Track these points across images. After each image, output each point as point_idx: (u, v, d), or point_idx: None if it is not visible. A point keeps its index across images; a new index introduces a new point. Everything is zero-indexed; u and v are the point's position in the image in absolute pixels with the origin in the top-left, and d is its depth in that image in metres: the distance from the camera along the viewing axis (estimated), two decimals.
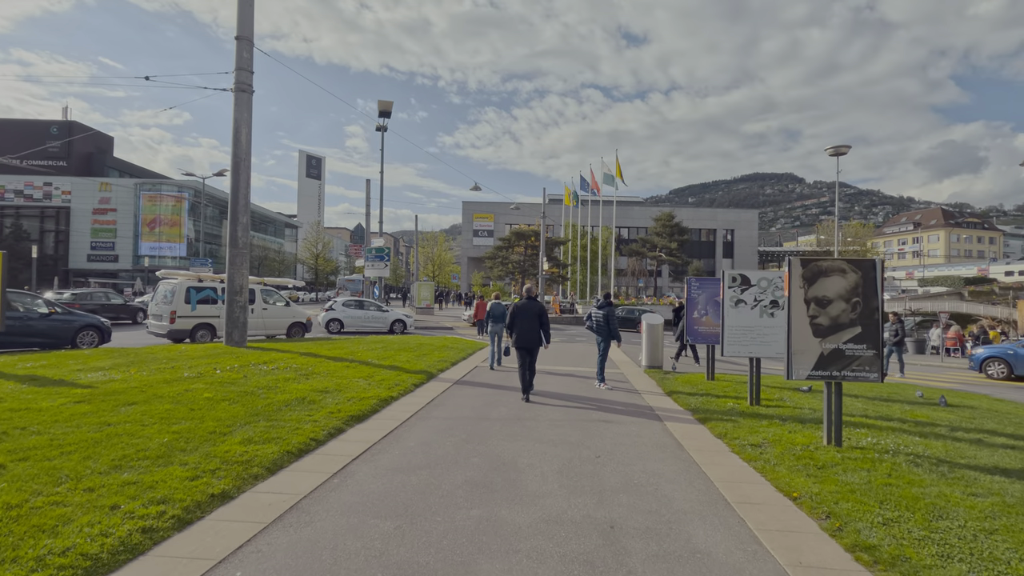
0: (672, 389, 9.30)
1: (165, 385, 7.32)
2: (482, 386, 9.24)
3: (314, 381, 8.28)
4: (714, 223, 73.28)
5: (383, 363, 10.80)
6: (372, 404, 7.01)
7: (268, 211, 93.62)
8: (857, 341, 5.53)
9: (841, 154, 38.96)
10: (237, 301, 12.64)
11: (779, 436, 5.99)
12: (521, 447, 5.48)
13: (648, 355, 12.22)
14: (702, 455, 5.43)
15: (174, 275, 16.39)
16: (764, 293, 7.91)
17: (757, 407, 7.74)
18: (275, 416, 6.02)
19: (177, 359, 10.06)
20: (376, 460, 4.91)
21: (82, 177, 68.02)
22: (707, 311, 10.37)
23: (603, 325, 9.55)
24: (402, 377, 9.19)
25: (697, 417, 7.18)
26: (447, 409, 7.24)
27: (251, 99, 12.97)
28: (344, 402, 6.97)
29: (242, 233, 12.84)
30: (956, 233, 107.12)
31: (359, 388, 7.95)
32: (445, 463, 4.88)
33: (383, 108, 24.45)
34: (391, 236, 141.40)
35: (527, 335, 8.18)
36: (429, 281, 37.20)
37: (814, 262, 5.66)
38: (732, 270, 8.09)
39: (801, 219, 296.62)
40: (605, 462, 5.08)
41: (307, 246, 72.36)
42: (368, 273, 25.90)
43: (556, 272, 45.46)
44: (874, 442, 5.75)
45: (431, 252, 74.46)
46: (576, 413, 7.29)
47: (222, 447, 4.79)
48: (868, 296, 5.54)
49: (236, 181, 12.74)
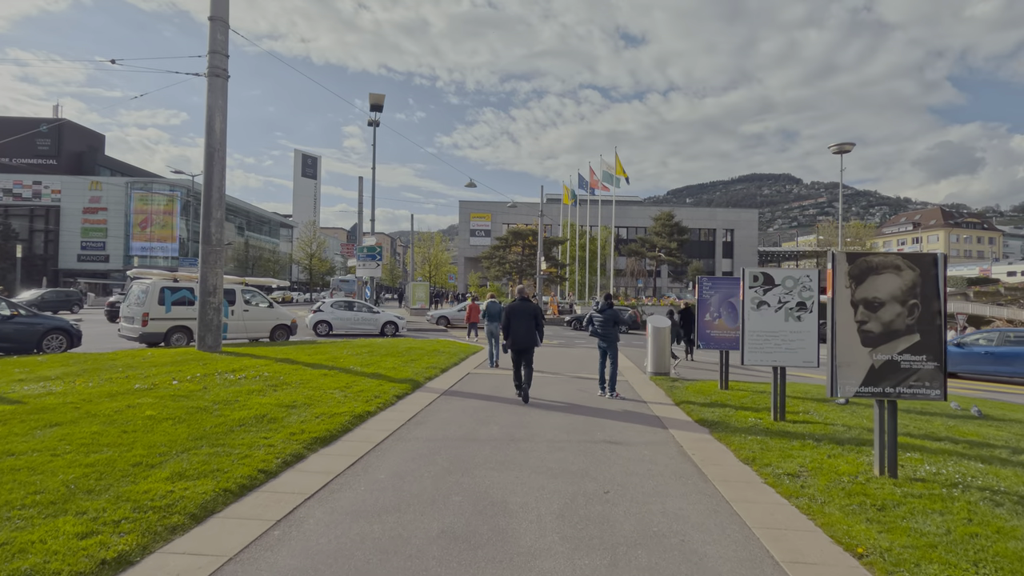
0: (683, 399, 8.40)
1: (107, 400, 6.38)
2: (473, 397, 8.32)
3: (282, 393, 7.35)
4: (713, 223, 72.51)
5: (366, 370, 9.88)
6: (344, 422, 6.09)
7: (263, 211, 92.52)
8: (915, 351, 4.63)
9: (844, 152, 38.18)
10: (210, 303, 11.70)
11: (818, 462, 5.09)
12: (514, 479, 4.57)
13: (654, 360, 11.33)
14: (731, 488, 4.53)
15: (147, 274, 15.43)
16: (790, 294, 7.01)
17: (783, 423, 6.84)
18: (223, 439, 5.10)
19: (138, 367, 9.12)
20: (334, 500, 3.99)
21: (72, 176, 66.90)
22: (720, 313, 9.48)
23: (606, 328, 8.66)
24: (384, 387, 8.27)
25: (716, 435, 6.28)
26: (430, 427, 6.32)
27: (226, 85, 12.03)
28: (311, 420, 6.05)
29: (216, 229, 11.90)
30: (956, 233, 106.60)
31: (332, 402, 7.03)
32: (420, 503, 3.96)
33: (374, 102, 23.50)
34: (388, 236, 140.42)
35: (522, 336, 8.15)
36: (424, 281, 36.26)
37: (863, 257, 4.77)
38: (753, 268, 7.20)
39: (799, 219, 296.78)
40: (616, 500, 4.17)
41: (301, 246, 71.32)
42: (360, 273, 24.96)
43: (554, 272, 44.58)
44: (933, 471, 4.85)
45: (427, 252, 73.49)
46: (578, 430, 6.38)
47: (142, 485, 3.86)
48: (928, 297, 4.65)
49: (210, 173, 11.80)
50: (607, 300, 8.79)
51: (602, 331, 8.70)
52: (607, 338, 8.70)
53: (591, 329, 8.95)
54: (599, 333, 8.77)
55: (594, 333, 8.87)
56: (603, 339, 8.73)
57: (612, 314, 8.64)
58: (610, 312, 8.67)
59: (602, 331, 8.70)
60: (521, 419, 6.87)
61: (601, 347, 8.83)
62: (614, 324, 8.62)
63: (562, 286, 49.37)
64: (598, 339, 8.85)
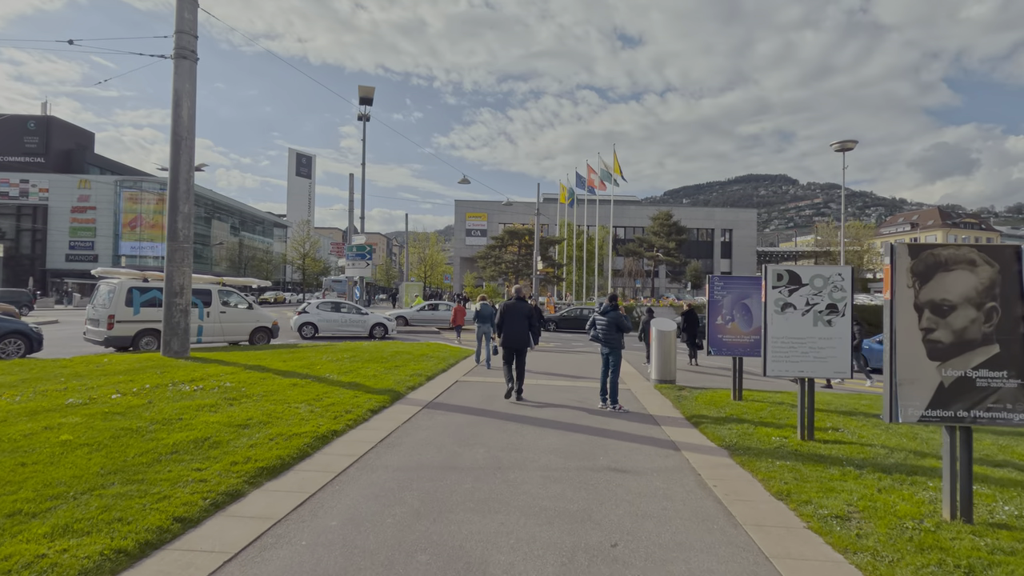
0: (694, 413, 7.51)
1: (24, 420, 5.45)
2: (458, 411, 7.41)
3: (239, 409, 6.43)
4: (711, 223, 71.74)
5: (342, 379, 8.96)
6: (303, 445, 5.17)
7: (256, 210, 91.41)
8: (994, 366, 3.75)
9: (847, 149, 37.48)
10: (176, 304, 10.76)
11: (869, 499, 4.20)
12: (498, 526, 3.66)
13: (658, 367, 10.44)
14: (768, 537, 3.63)
15: (115, 274, 14.46)
16: (819, 295, 6.13)
17: (813, 443, 5.96)
18: (144, 473, 4.17)
19: (86, 376, 8.17)
20: (263, 564, 3.07)
21: (60, 174, 65.70)
22: (733, 316, 8.60)
23: (609, 333, 7.78)
24: (358, 400, 7.35)
25: (738, 460, 5.39)
26: (404, 451, 5.40)
27: (195, 68, 11.09)
28: (263, 443, 5.13)
29: (183, 224, 10.96)
30: (953, 234, 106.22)
31: (295, 419, 6.11)
32: (374, 568, 3.05)
33: (364, 95, 22.55)
34: (384, 236, 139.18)
35: (516, 336, 8.18)
36: (417, 282, 35.33)
37: (929, 250, 3.88)
38: (776, 266, 6.31)
39: (795, 220, 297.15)
40: (627, 557, 3.27)
41: (295, 246, 70.24)
42: (349, 272, 24.00)
43: (551, 272, 43.71)
44: (1016, 514, 3.97)
45: (423, 252, 72.52)
46: (577, 453, 5.48)
47: (5, 547, 2.94)
48: (1009, 299, 3.77)
49: (176, 163, 10.86)
50: (611, 302, 7.91)
51: (604, 336, 7.82)
52: (610, 344, 7.81)
53: (592, 333, 8.05)
54: (601, 338, 7.89)
55: (595, 338, 7.98)
56: (606, 344, 7.85)
57: (616, 317, 7.76)
58: (614, 315, 7.79)
59: (604, 336, 7.82)
60: (511, 439, 5.97)
61: (603, 353, 7.94)
62: (618, 329, 7.74)
63: (559, 286, 48.50)
64: (600, 344, 7.97)
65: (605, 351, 7.89)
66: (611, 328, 7.76)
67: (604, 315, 7.84)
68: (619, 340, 7.81)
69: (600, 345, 7.98)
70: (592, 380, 10.15)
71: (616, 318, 7.75)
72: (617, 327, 7.73)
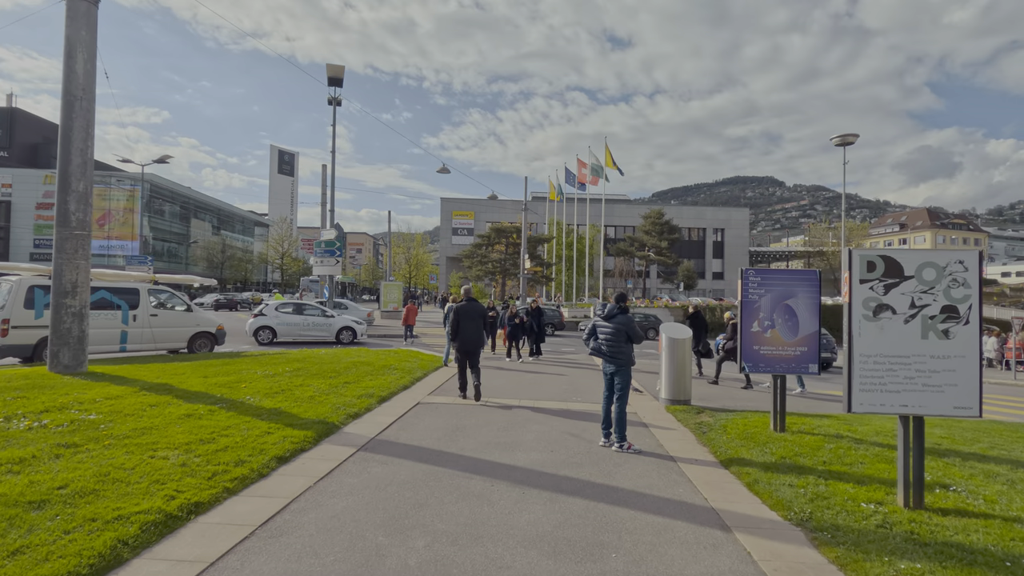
0: (730, 455, 5.51)
1: None
2: (407, 455, 5.32)
3: (65, 463, 4.28)
4: (703, 222, 70.22)
5: (264, 404, 6.84)
6: (113, 543, 3.07)
7: (236, 208, 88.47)
8: None
9: (848, 144, 35.81)
10: (67, 307, 8.56)
11: None
12: None
13: (671, 384, 8.43)
14: None
15: (15, 270, 12.17)
16: (931, 292, 4.15)
17: (927, 515, 3.97)
18: None
19: None
20: None
21: (25, 168, 62.52)
22: (773, 321, 6.61)
23: (616, 345, 5.76)
24: (268, 440, 5.24)
25: (832, 556, 3.36)
26: (291, 550, 3.31)
27: (94, 13, 8.91)
28: (36, 547, 3.01)
29: (77, 206, 8.74)
30: (942, 234, 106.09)
31: (143, 482, 3.99)
32: None
33: (333, 74, 20.31)
34: (371, 237, 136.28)
35: (471, 338, 8.01)
36: (397, 282, 33.12)
37: None
38: (866, 250, 4.34)
39: (781, 222, 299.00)
40: None
41: (274, 245, 67.58)
42: (318, 271, 21.75)
43: (539, 271, 41.70)
44: None
45: (408, 252, 70.21)
46: (575, 544, 3.42)
47: None
48: None
49: (68, 127, 8.65)
50: (618, 303, 5.87)
51: (609, 349, 5.79)
52: (616, 359, 5.78)
53: (593, 344, 6.01)
54: (604, 351, 5.85)
55: (597, 351, 5.94)
56: (610, 360, 5.82)
57: (625, 323, 5.73)
58: (622, 320, 5.75)
59: (609, 349, 5.79)
60: (473, 512, 3.90)
61: (607, 372, 5.91)
62: (628, 340, 5.71)
63: (548, 287, 46.51)
64: (603, 360, 5.94)
65: (609, 369, 5.86)
66: (618, 338, 5.73)
67: (609, 320, 5.81)
68: (628, 354, 5.79)
69: (602, 361, 5.96)
70: (590, 403, 8.12)
71: (626, 324, 5.72)
72: (627, 336, 5.71)
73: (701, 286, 63.33)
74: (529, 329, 14.43)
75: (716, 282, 67.83)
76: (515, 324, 14.05)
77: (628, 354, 5.75)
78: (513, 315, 14.26)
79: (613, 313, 5.75)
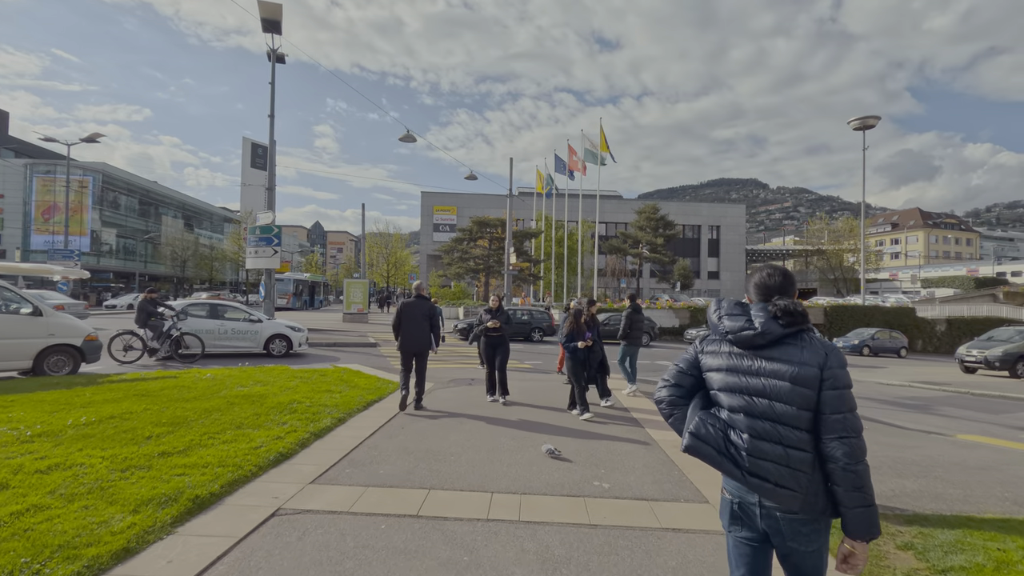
0: None
1: None
2: None
3: None
4: (698, 219, 66.82)
5: None
6: None
7: (205, 203, 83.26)
8: None
9: (869, 127, 32.37)
10: None
11: None
12: None
13: None
14: None
15: None
16: None
17: None
18: None
19: None
20: None
21: None
22: None
23: (795, 449, 1.79)
24: None
25: None
26: None
27: None
28: None
29: None
30: (935, 234, 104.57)
31: None
32: None
33: (267, 15, 16.17)
34: (353, 239, 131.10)
35: (415, 339, 7.23)
36: (361, 279, 28.99)
37: None
38: None
39: (765, 223, 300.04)
40: None
41: (237, 240, 62.75)
42: (251, 264, 17.60)
43: (526, 268, 37.78)
44: None
45: (385, 250, 65.88)
46: None
47: None
48: None
49: None
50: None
51: (780, 462, 1.82)
52: (795, 494, 1.76)
53: (702, 429, 1.96)
54: (752, 470, 1.86)
55: (728, 456, 1.86)
56: (780, 494, 1.78)
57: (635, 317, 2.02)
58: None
59: (780, 462, 1.82)
60: None
61: (748, 540, 1.92)
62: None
63: (536, 286, 42.63)
64: (738, 485, 2.36)
65: (774, 530, 1.87)
66: (796, 425, 1.82)
67: (779, 358, 1.87)
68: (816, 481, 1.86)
69: (734, 488, 2.04)
70: (610, 471, 4.21)
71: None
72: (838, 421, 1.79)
73: (697, 286, 59.96)
74: (586, 360, 7.52)
75: (712, 282, 64.60)
76: (576, 349, 7.41)
77: (818, 481, 1.83)
78: (582, 323, 7.50)
79: (776, 335, 1.79)
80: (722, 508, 1.92)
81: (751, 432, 1.72)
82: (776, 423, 1.70)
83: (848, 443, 1.65)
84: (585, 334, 7.37)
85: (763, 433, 1.71)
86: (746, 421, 1.73)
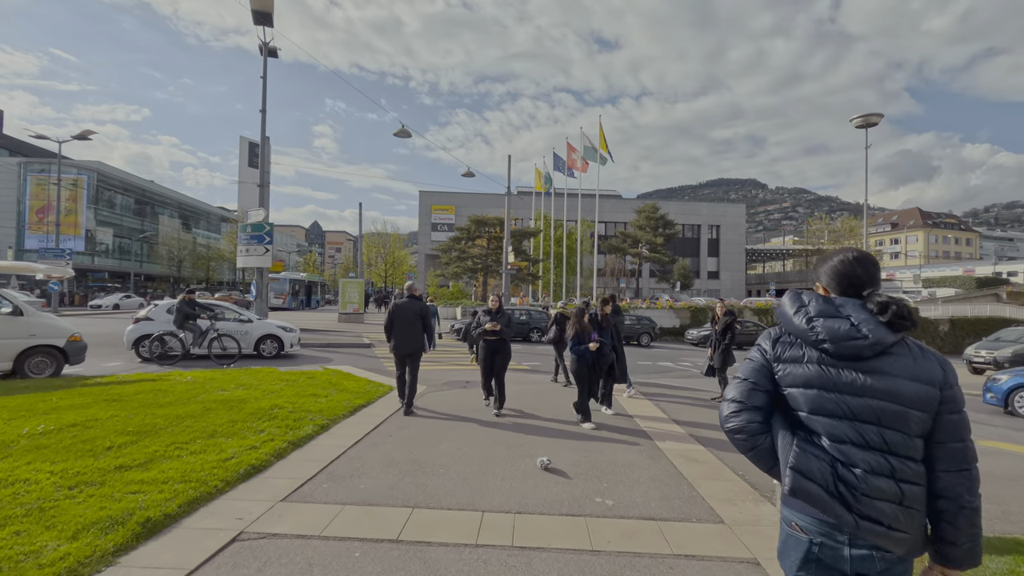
0: None
1: None
2: None
3: None
4: (698, 218, 66.37)
5: None
6: None
7: (202, 203, 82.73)
8: None
9: (871, 124, 31.94)
10: None
11: None
12: None
13: None
14: None
15: None
16: None
17: None
18: None
19: None
20: None
21: None
22: None
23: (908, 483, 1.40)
24: None
25: None
26: None
27: None
28: None
29: None
30: (935, 234, 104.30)
31: None
32: None
33: (258, 7, 15.75)
34: (351, 239, 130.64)
35: (408, 339, 7.05)
36: (357, 279, 28.53)
37: None
38: None
39: (764, 224, 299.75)
40: None
41: (232, 238, 62.28)
42: (243, 263, 17.16)
43: (524, 267, 37.37)
44: None
45: (383, 249, 65.46)
46: None
47: None
48: None
49: None
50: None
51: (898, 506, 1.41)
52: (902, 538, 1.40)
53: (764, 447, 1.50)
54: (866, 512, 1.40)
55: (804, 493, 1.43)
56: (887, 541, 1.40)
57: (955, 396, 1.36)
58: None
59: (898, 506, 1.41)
60: None
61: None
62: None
63: (534, 285, 42.20)
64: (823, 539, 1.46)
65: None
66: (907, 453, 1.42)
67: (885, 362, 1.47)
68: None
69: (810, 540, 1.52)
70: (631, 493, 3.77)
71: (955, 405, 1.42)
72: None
73: (696, 286, 59.54)
74: (594, 364, 6.88)
75: (712, 282, 64.16)
76: (585, 352, 6.79)
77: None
78: (586, 322, 6.94)
79: (887, 345, 1.36)
80: (785, 546, 1.50)
81: (865, 467, 1.34)
82: (887, 454, 1.36)
83: (971, 476, 1.36)
84: (592, 335, 6.88)
85: (877, 467, 1.34)
86: (859, 453, 1.36)
